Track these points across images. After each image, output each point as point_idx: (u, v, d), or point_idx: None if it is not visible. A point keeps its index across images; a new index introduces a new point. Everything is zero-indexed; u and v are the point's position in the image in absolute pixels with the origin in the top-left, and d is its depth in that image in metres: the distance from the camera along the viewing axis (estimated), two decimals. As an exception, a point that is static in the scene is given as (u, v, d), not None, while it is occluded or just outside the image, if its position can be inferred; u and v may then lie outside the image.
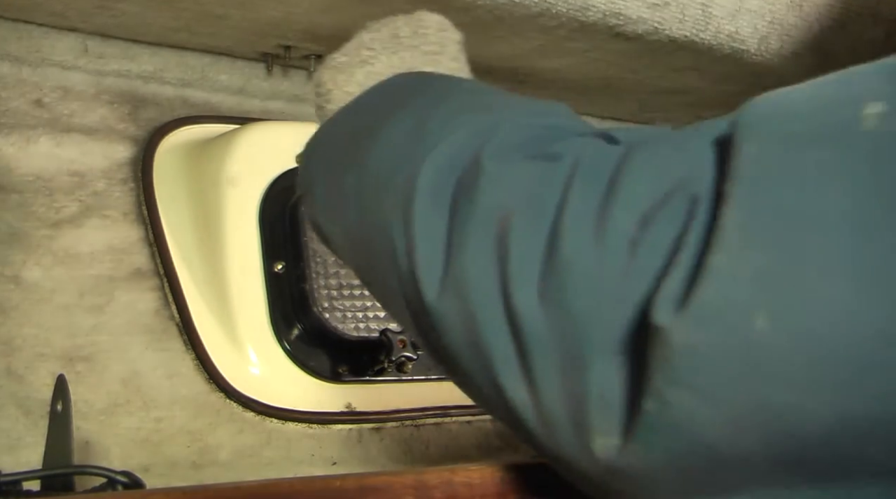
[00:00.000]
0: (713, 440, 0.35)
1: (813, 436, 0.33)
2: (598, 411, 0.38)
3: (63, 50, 1.05)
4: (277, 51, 1.12)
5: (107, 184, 1.03)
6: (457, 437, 1.05)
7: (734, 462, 0.36)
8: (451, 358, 0.46)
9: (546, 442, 0.42)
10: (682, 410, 0.35)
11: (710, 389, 0.34)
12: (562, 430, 0.40)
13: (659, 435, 0.37)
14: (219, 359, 0.96)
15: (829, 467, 0.34)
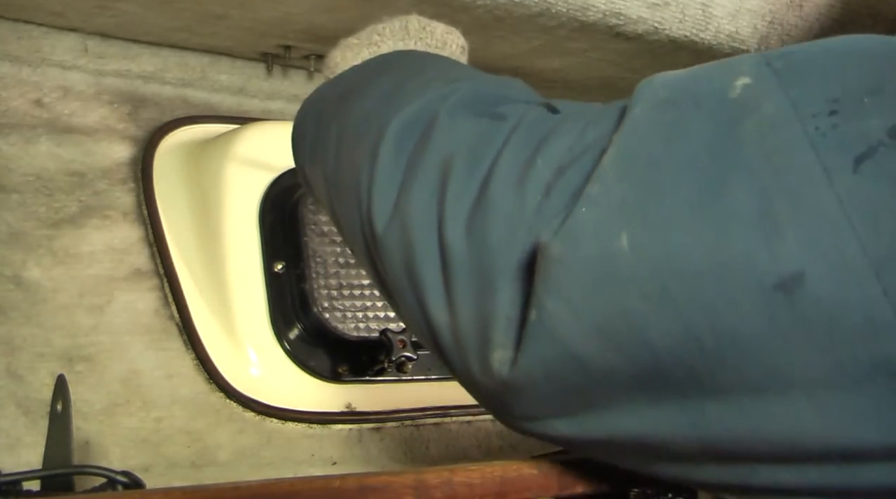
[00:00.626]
0: (580, 350, 0.41)
1: (664, 348, 0.38)
2: (500, 329, 0.44)
3: (63, 50, 1.05)
4: (277, 51, 1.12)
5: (107, 184, 1.03)
6: (457, 437, 1.05)
7: (600, 375, 0.41)
8: (391, 284, 0.53)
9: (457, 360, 0.48)
10: (556, 318, 0.41)
11: (578, 297, 0.40)
12: (470, 347, 0.46)
13: (538, 343, 0.42)
14: (219, 359, 0.96)
15: (683, 381, 0.39)
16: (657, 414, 0.41)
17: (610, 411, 0.43)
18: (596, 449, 0.48)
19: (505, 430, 1.08)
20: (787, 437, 0.37)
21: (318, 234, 1.01)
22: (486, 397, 0.49)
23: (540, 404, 0.45)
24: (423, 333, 0.52)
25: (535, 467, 0.52)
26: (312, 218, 1.01)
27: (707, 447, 0.40)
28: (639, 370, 0.40)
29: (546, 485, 0.51)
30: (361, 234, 0.55)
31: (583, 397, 0.43)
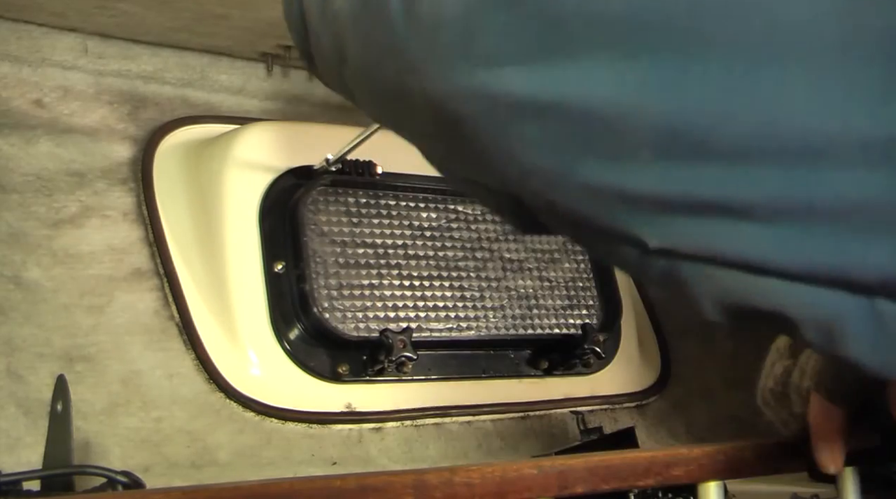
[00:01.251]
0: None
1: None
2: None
3: (63, 50, 1.05)
4: (277, 51, 1.13)
5: (107, 184, 1.03)
6: (457, 437, 1.05)
7: (577, 24, 0.33)
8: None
9: (410, 53, 0.38)
10: None
11: None
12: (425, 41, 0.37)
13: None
14: (219, 359, 0.96)
15: (668, 24, 0.32)
16: (627, 70, 0.33)
17: (576, 64, 0.35)
18: (483, 118, 0.38)
19: (505, 430, 1.08)
20: (765, 118, 0.32)
21: (318, 234, 1.01)
22: (416, 42, 0.39)
23: (490, 40, 0.36)
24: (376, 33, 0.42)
25: (535, 467, 0.52)
26: (312, 218, 1.01)
27: (671, 128, 0.34)
28: (619, 16, 0.33)
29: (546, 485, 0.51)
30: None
31: (545, 35, 0.35)
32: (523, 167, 0.38)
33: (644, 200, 0.36)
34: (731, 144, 0.33)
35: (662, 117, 0.33)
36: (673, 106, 0.33)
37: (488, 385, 1.07)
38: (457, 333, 1.04)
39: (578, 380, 1.12)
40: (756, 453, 0.57)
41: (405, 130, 0.45)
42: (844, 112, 0.31)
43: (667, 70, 0.33)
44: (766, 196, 0.33)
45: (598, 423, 1.06)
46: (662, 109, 0.33)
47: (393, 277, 1.03)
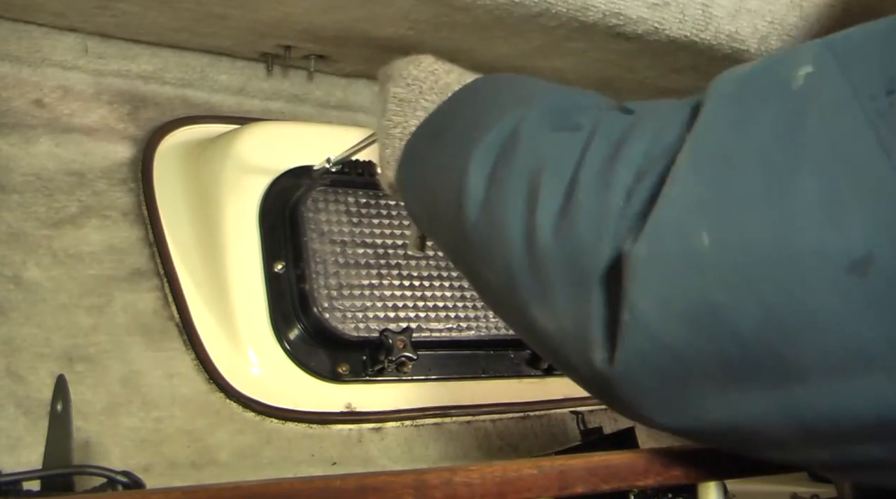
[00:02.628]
0: (672, 343, 0.43)
1: (748, 333, 0.41)
2: (597, 329, 0.47)
3: (63, 50, 1.05)
4: (277, 51, 1.12)
5: (107, 184, 1.03)
6: (457, 437, 1.05)
7: (694, 366, 0.44)
8: (495, 298, 0.58)
9: (563, 358, 0.52)
10: (647, 315, 0.44)
11: (666, 294, 0.43)
12: (572, 347, 0.50)
13: (633, 340, 0.45)
14: (219, 359, 0.96)
15: (770, 368, 0.41)
16: (748, 403, 0.43)
17: (705, 403, 0.45)
18: (698, 438, 0.50)
19: (505, 430, 1.08)
20: (872, 414, 0.39)
21: (318, 234, 1.01)
22: (594, 390, 0.52)
23: (642, 398, 0.48)
24: (530, 336, 0.55)
25: (535, 467, 0.52)
26: (312, 218, 1.01)
27: (798, 431, 0.42)
28: (728, 359, 0.42)
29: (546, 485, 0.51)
30: (450, 233, 0.60)
31: (679, 391, 0.45)
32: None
33: (808, 464, 0.48)
34: (855, 431, 0.41)
35: (790, 426, 0.42)
36: (796, 419, 0.42)
37: (488, 385, 1.07)
38: (457, 333, 1.04)
39: (578, 380, 1.12)
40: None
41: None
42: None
43: (779, 397, 0.42)
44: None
45: (598, 423, 1.06)
46: (788, 421, 0.42)
47: (393, 277, 1.03)
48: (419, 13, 0.95)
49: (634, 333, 0.44)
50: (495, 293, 0.57)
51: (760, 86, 0.44)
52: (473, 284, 0.62)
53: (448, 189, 0.59)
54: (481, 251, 0.56)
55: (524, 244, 0.51)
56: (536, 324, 0.52)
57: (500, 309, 0.60)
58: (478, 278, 0.59)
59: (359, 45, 1.07)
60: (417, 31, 1.00)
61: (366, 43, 1.05)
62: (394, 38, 1.03)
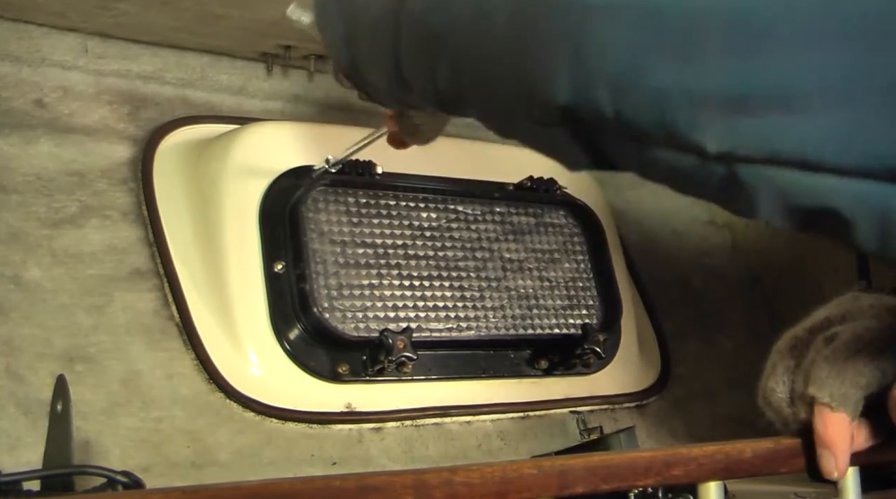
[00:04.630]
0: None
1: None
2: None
3: (63, 50, 1.05)
4: (277, 51, 1.13)
5: (107, 184, 1.03)
6: (457, 437, 1.05)
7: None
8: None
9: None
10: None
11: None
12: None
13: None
14: (219, 359, 0.96)
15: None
16: None
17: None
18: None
19: (505, 430, 1.08)
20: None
21: (318, 234, 1.01)
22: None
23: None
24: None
25: (535, 467, 0.52)
26: (312, 218, 1.01)
27: (732, 18, 0.37)
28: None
29: (546, 485, 0.51)
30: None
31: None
32: (593, 70, 0.40)
33: (708, 99, 0.37)
34: (794, 29, 0.34)
35: (728, 7, 0.35)
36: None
37: (488, 385, 1.07)
38: (457, 333, 1.04)
39: (578, 380, 1.12)
40: (756, 453, 0.57)
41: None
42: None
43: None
44: (826, 82, 0.34)
45: (598, 423, 1.06)
46: (730, 2, 0.35)
47: (393, 277, 1.03)
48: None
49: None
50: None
51: None
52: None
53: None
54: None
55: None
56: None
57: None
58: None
59: (359, 45, 1.07)
60: (417, 31, 1.00)
61: (366, 43, 1.05)
62: (394, 38, 1.03)
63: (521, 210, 1.15)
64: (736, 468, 0.56)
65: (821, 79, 0.35)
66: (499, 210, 1.14)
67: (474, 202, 1.12)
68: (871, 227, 0.36)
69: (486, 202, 1.13)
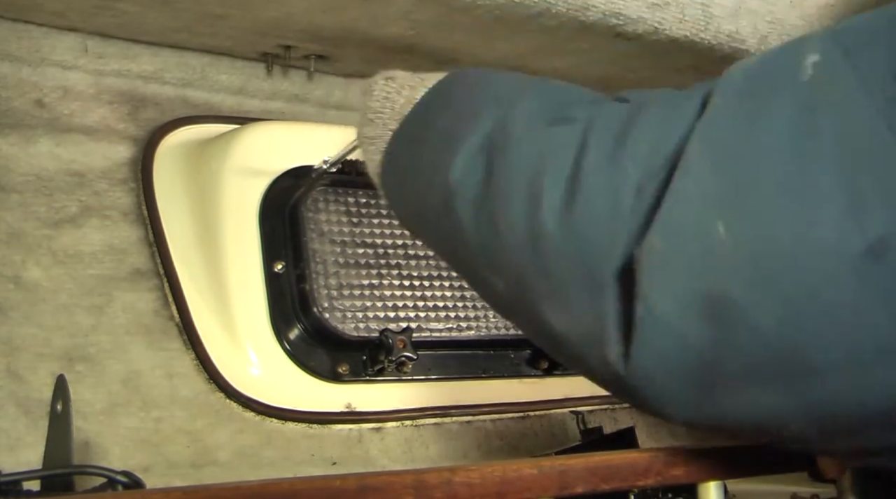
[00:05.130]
0: (689, 337, 0.43)
1: (768, 328, 0.40)
2: (611, 326, 0.46)
3: (63, 50, 1.05)
4: (277, 51, 1.12)
5: (107, 184, 1.03)
6: (457, 437, 1.05)
7: (713, 361, 0.43)
8: (491, 288, 0.56)
9: (578, 357, 0.51)
10: (663, 309, 0.43)
11: (681, 288, 0.42)
12: (587, 345, 0.49)
13: (649, 336, 0.44)
14: (219, 359, 0.96)
15: (789, 361, 0.41)
16: (769, 399, 0.43)
17: (725, 399, 0.44)
18: (718, 431, 0.49)
19: (505, 430, 1.08)
20: (890, 402, 0.40)
21: (318, 234, 1.01)
22: (612, 389, 0.51)
23: (660, 394, 0.47)
24: (544, 339, 0.54)
25: (535, 467, 0.52)
26: (312, 218, 1.01)
27: (819, 423, 0.42)
28: (748, 355, 0.42)
29: (546, 485, 0.51)
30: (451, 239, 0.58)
31: (698, 387, 0.45)
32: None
33: (832, 452, 0.48)
34: (876, 420, 0.41)
35: (812, 420, 0.43)
36: (817, 412, 0.42)
37: (488, 385, 1.07)
38: (457, 333, 1.04)
39: (578, 380, 1.12)
40: (756, 453, 0.56)
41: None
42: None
43: (800, 391, 0.41)
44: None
45: (598, 423, 1.06)
46: (810, 414, 0.42)
47: (393, 277, 1.03)
48: (419, 13, 0.95)
49: (649, 329, 0.44)
50: (504, 297, 0.56)
51: (769, 78, 0.43)
52: (477, 288, 0.60)
53: (433, 193, 0.57)
54: (482, 255, 0.54)
55: (530, 245, 0.50)
56: (549, 325, 0.51)
57: (510, 313, 0.58)
58: (482, 282, 0.57)
59: (359, 45, 1.07)
60: (417, 31, 1.00)
61: (366, 43, 1.05)
62: (394, 38, 1.03)
63: (521, 210, 1.15)
64: (736, 468, 0.56)
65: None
66: (499, 210, 1.14)
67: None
68: None
69: (486, 202, 1.13)
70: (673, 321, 0.43)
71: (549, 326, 0.51)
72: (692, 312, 0.42)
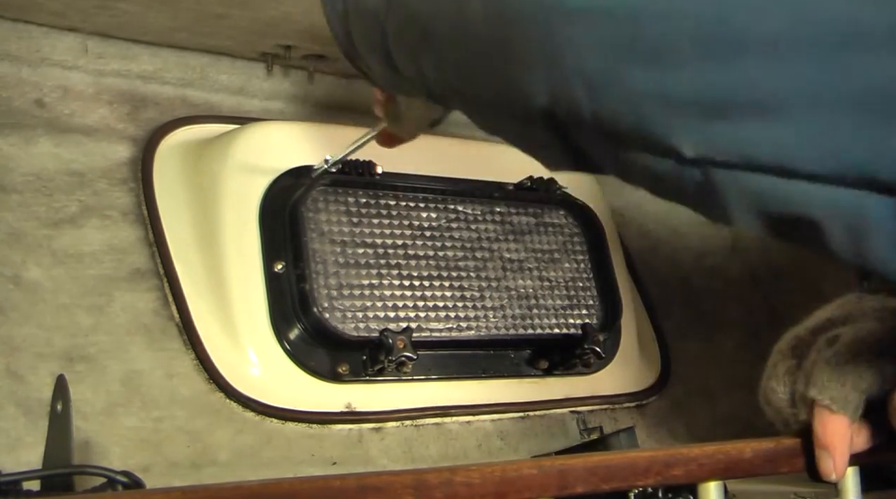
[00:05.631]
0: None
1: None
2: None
3: (63, 50, 1.05)
4: (277, 51, 1.12)
5: (107, 184, 1.03)
6: (457, 437, 1.05)
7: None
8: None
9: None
10: None
11: None
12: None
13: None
14: (219, 359, 0.96)
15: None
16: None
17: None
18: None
19: (505, 430, 1.08)
20: (798, 8, 0.35)
21: (318, 234, 1.01)
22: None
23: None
24: (491, 74, 0.47)
25: (535, 467, 0.52)
26: (312, 218, 1.01)
27: (704, 24, 0.37)
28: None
29: (546, 485, 0.51)
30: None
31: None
32: (570, 71, 0.40)
33: (683, 104, 0.37)
34: (766, 37, 0.34)
35: (701, 16, 0.35)
36: (710, 4, 0.35)
37: (488, 385, 1.07)
38: (457, 333, 1.04)
39: (578, 380, 1.12)
40: (756, 453, 0.57)
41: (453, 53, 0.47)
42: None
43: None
44: (800, 89, 0.34)
45: (598, 423, 1.06)
46: (701, 9, 0.35)
47: (393, 277, 1.03)
48: (419, 13, 0.95)
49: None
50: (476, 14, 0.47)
51: None
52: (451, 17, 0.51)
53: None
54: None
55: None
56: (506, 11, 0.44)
57: (473, 38, 0.48)
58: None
59: (359, 45, 1.07)
60: (417, 31, 1.00)
61: (366, 43, 1.05)
62: (394, 38, 1.03)
63: (521, 210, 1.15)
64: (736, 468, 0.56)
65: (794, 86, 0.35)
66: (499, 210, 1.14)
67: (474, 202, 1.12)
68: (843, 234, 0.36)
69: (486, 202, 1.13)
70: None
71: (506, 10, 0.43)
72: None
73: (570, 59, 0.40)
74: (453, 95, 0.52)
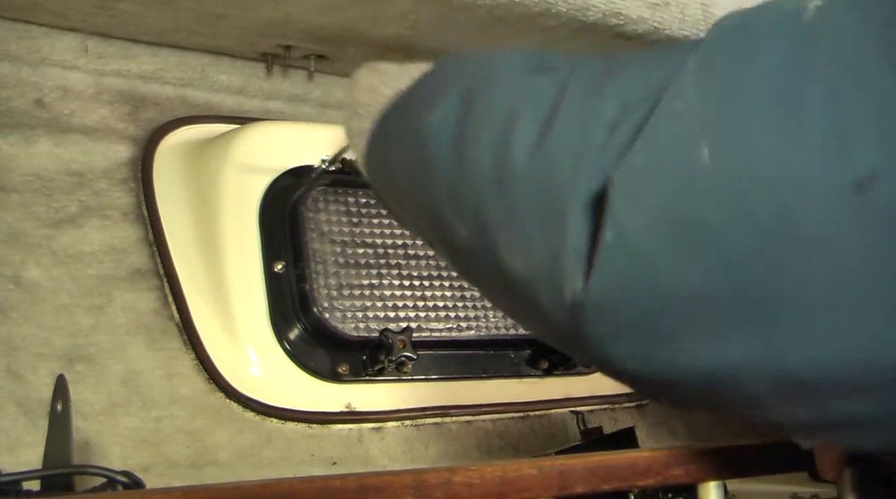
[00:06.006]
0: (657, 264, 0.41)
1: (738, 259, 0.39)
2: (569, 259, 0.45)
3: (63, 50, 1.05)
4: (277, 51, 1.12)
5: (107, 184, 1.03)
6: (457, 437, 1.05)
7: (673, 294, 0.42)
8: (456, 239, 0.54)
9: (528, 298, 0.49)
10: (635, 232, 0.41)
11: (657, 209, 0.41)
12: (542, 280, 0.47)
13: (614, 262, 0.42)
14: (219, 359, 0.96)
15: (757, 302, 0.39)
16: (726, 349, 0.41)
17: (680, 343, 0.43)
18: (667, 388, 0.47)
19: (505, 430, 1.08)
20: (862, 357, 0.38)
21: (319, 234, 1.01)
22: (561, 332, 0.49)
23: (613, 334, 0.45)
24: (501, 291, 0.52)
25: (535, 467, 0.52)
26: (312, 218, 1.01)
27: (779, 379, 0.41)
28: (712, 288, 0.40)
29: (546, 485, 0.51)
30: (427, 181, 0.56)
31: (654, 327, 0.43)
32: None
33: (782, 424, 0.45)
34: (841, 379, 0.39)
35: (772, 374, 0.41)
36: (780, 364, 0.40)
37: (488, 385, 1.07)
38: (457, 333, 1.04)
39: (578, 380, 1.12)
40: (756, 453, 0.57)
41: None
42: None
43: (764, 338, 0.40)
44: (887, 411, 0.40)
45: (598, 423, 1.06)
46: (771, 367, 0.40)
47: (393, 277, 1.03)
48: (419, 13, 0.95)
49: (616, 253, 0.42)
50: (465, 244, 0.53)
51: (769, 18, 0.43)
52: (443, 240, 0.57)
53: (411, 149, 0.56)
54: (448, 194, 0.52)
55: (494, 176, 0.48)
56: (506, 267, 0.49)
57: (470, 266, 0.56)
58: (447, 230, 0.54)
59: (359, 45, 1.07)
60: (417, 31, 1.00)
61: (366, 43, 1.05)
62: (394, 38, 1.03)
63: (521, 210, 1.15)
64: (736, 468, 0.56)
65: (878, 411, 0.41)
66: (499, 210, 1.14)
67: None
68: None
69: (486, 202, 1.13)
70: (641, 242, 0.42)
71: (506, 267, 0.49)
72: (663, 232, 0.41)
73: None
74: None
